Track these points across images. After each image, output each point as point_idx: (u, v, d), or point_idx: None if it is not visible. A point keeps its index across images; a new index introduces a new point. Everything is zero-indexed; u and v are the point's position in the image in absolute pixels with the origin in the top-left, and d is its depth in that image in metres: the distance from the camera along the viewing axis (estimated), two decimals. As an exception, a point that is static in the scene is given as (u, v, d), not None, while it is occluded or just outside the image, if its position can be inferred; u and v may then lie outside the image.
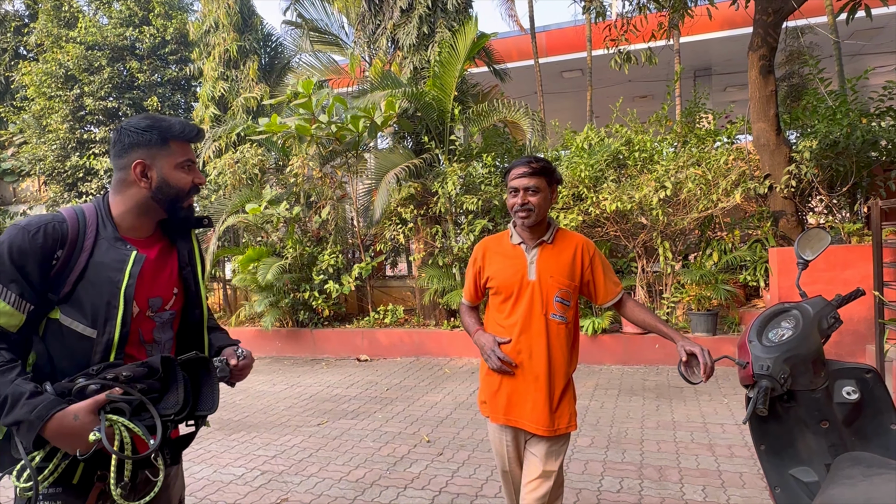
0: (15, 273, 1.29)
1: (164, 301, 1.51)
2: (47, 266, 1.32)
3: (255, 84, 9.64)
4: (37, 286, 1.32)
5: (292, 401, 5.50)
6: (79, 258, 1.35)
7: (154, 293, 1.49)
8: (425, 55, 7.68)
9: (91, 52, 10.49)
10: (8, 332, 1.30)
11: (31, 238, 1.31)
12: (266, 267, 7.29)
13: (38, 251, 1.31)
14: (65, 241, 1.35)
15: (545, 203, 2.08)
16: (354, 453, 4.02)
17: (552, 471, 2.07)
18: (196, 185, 1.51)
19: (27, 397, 1.21)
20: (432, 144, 7.24)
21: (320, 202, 8.06)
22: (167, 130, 1.45)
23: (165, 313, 1.52)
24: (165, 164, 1.45)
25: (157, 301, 1.50)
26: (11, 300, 1.28)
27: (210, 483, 3.62)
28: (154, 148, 1.43)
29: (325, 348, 7.66)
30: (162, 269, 1.51)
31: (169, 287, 1.52)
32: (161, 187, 1.45)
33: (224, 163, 8.35)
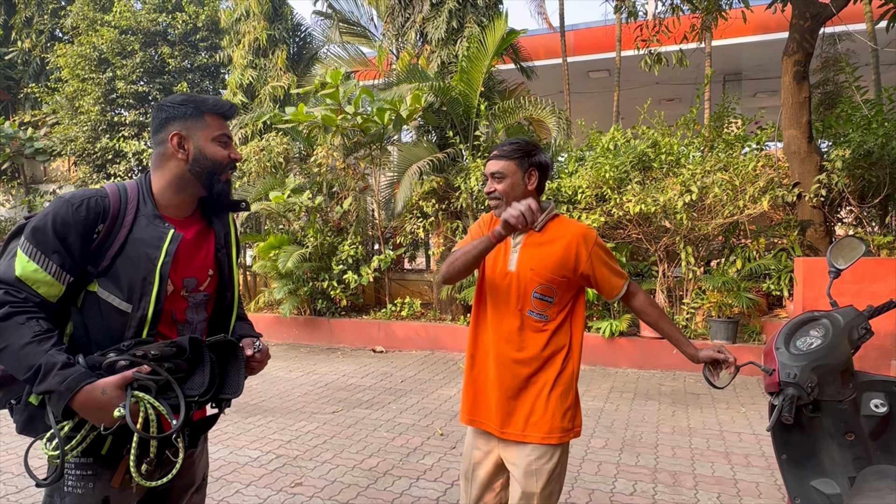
0: (57, 244, 1.31)
1: (199, 282, 1.52)
2: (89, 239, 1.35)
3: (282, 73, 9.73)
4: (77, 258, 1.34)
5: (308, 388, 5.57)
6: (119, 233, 1.37)
7: (189, 273, 1.49)
8: (453, 50, 7.67)
9: (124, 37, 10.67)
10: (48, 302, 1.32)
11: (74, 211, 1.33)
12: (286, 255, 7.36)
13: (81, 224, 1.34)
14: (106, 215, 1.37)
15: (512, 189, 1.86)
16: (368, 442, 4.05)
17: (532, 493, 1.80)
18: (233, 159, 1.51)
19: (59, 368, 1.22)
20: (456, 139, 7.23)
21: (342, 193, 8.11)
22: (202, 104, 1.48)
23: (199, 294, 1.52)
24: (202, 136, 1.46)
25: (191, 281, 1.50)
26: (52, 270, 1.31)
27: (226, 464, 3.69)
28: (190, 120, 1.45)
29: (342, 338, 7.73)
30: (198, 250, 1.52)
31: (205, 268, 1.53)
32: (198, 159, 1.45)
33: (250, 150, 8.45)
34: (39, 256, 1.30)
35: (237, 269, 1.62)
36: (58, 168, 13.64)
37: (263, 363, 1.55)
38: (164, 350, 1.31)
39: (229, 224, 1.60)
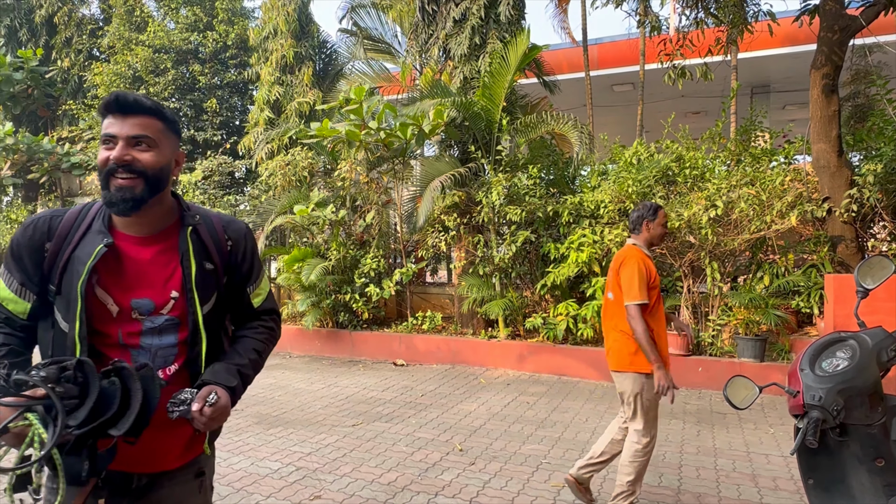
0: (15, 264, 1.38)
1: (157, 305, 1.40)
2: (39, 258, 1.38)
3: (308, 89, 9.92)
4: (33, 277, 1.38)
5: (329, 400, 5.60)
6: (65, 251, 1.37)
7: (141, 294, 1.39)
8: (476, 65, 7.73)
9: (158, 55, 11.03)
10: (15, 318, 1.39)
11: (23, 231, 1.40)
12: (310, 267, 7.45)
13: (28, 244, 1.38)
14: (52, 234, 1.38)
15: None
16: (387, 456, 4.05)
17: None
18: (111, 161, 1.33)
19: None
20: (478, 154, 7.27)
21: (365, 206, 8.20)
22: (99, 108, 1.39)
23: (160, 318, 1.40)
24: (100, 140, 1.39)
25: (144, 303, 1.39)
26: (15, 288, 1.38)
27: (247, 475, 3.72)
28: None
29: (363, 350, 7.76)
30: (159, 270, 1.41)
31: (165, 290, 1.40)
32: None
33: (275, 164, 8.62)
34: (5, 275, 1.40)
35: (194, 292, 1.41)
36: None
37: (211, 423, 1.29)
38: (50, 371, 1.16)
39: (187, 241, 1.44)
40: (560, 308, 6.53)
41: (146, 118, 1.38)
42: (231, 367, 1.43)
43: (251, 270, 1.57)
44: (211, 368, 1.41)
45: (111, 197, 1.34)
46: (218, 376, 1.38)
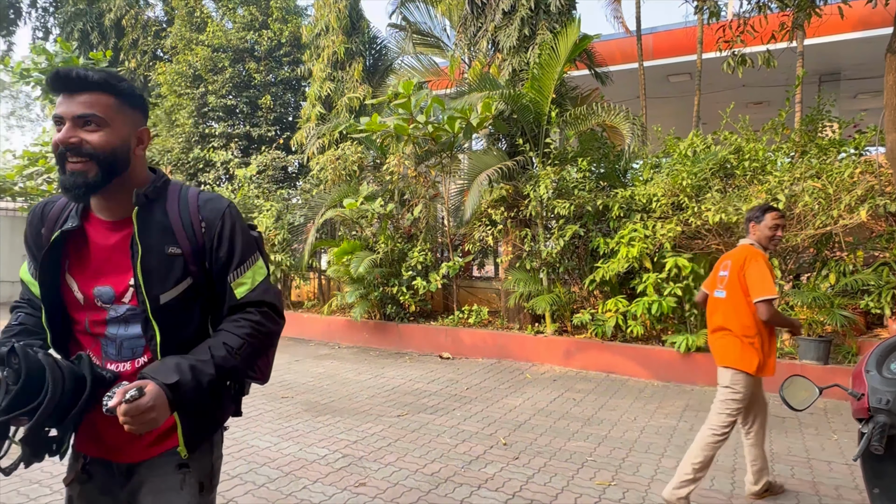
0: (27, 248, 1.43)
1: (117, 293, 1.33)
2: (39, 243, 1.39)
3: (359, 85, 10.06)
4: (38, 260, 1.37)
5: (375, 391, 5.69)
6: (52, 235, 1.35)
7: (103, 281, 1.33)
8: (525, 57, 7.63)
9: (216, 54, 11.44)
10: (34, 300, 1.44)
11: (28, 218, 1.44)
12: (359, 260, 7.58)
13: (30, 230, 1.42)
14: (45, 220, 1.39)
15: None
16: (431, 447, 4.08)
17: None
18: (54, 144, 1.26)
19: None
20: (526, 147, 7.19)
21: (413, 200, 8.26)
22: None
23: (122, 307, 1.33)
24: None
25: (105, 291, 1.33)
26: (31, 272, 1.42)
27: (296, 460, 3.83)
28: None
29: (410, 343, 7.84)
30: (121, 256, 1.34)
31: (124, 278, 1.33)
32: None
33: (326, 159, 8.79)
34: (27, 260, 1.45)
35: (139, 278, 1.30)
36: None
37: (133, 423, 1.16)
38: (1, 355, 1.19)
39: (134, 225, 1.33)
40: (609, 304, 6.39)
41: (94, 94, 1.27)
42: (182, 362, 1.27)
43: (231, 256, 1.39)
44: (160, 360, 1.29)
45: (64, 182, 1.27)
46: (157, 370, 1.24)
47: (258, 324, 1.40)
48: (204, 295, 1.41)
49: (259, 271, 1.44)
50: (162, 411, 1.19)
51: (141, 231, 1.31)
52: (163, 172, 1.45)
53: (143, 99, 1.38)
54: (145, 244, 1.31)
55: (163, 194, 1.39)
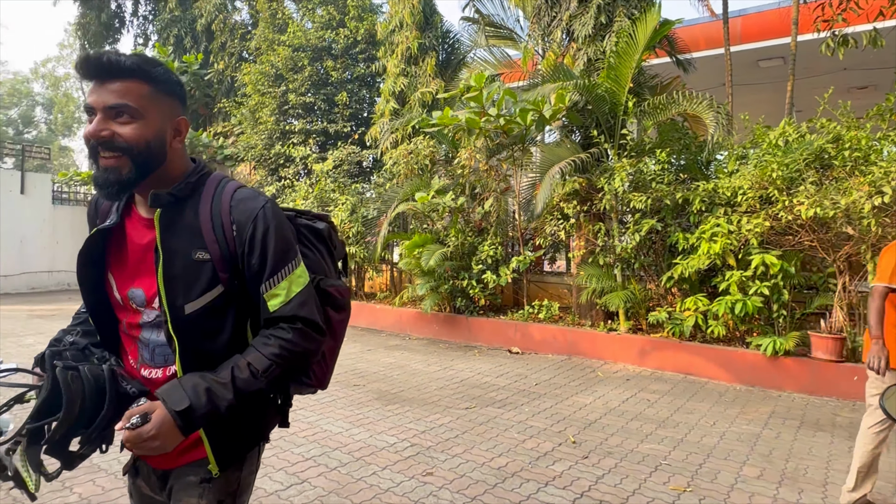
0: None
1: (147, 297, 1.24)
2: None
3: (431, 79, 10.14)
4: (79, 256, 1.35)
5: (444, 382, 5.74)
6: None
7: (136, 283, 1.25)
8: (600, 46, 7.40)
9: (296, 54, 11.91)
10: None
11: (88, 210, 1.40)
12: (429, 253, 7.67)
13: (89, 222, 1.37)
14: (99, 213, 1.34)
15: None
16: (498, 441, 4.07)
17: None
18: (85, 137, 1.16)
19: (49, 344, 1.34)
20: (601, 139, 6.97)
21: (484, 194, 8.24)
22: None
23: (152, 312, 1.24)
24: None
25: (137, 293, 1.25)
26: None
27: (366, 446, 3.94)
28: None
29: (479, 336, 7.85)
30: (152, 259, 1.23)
31: (153, 281, 1.22)
32: None
33: (399, 153, 8.94)
34: None
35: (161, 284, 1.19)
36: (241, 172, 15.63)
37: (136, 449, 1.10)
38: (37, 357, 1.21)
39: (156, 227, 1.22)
40: (688, 303, 6.10)
41: (127, 82, 1.15)
42: (200, 382, 1.15)
43: (263, 263, 1.22)
44: (177, 379, 1.18)
45: (97, 178, 1.18)
46: (170, 393, 1.13)
47: (289, 343, 1.22)
48: (238, 303, 1.26)
49: (297, 281, 1.25)
50: (168, 438, 1.10)
51: (164, 234, 1.20)
52: (203, 164, 1.32)
53: (180, 85, 1.26)
54: (169, 249, 1.19)
55: (197, 190, 1.25)
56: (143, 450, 1.10)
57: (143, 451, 1.10)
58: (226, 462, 1.28)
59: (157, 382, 1.24)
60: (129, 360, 1.30)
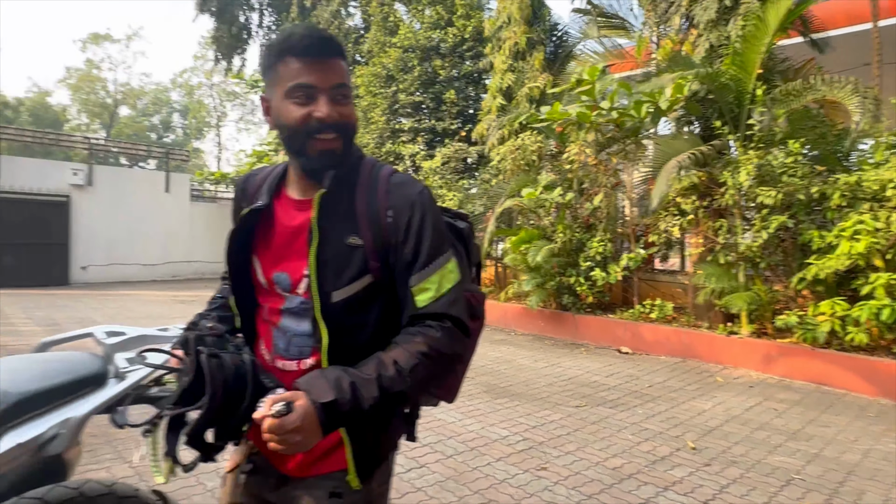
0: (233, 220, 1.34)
1: (293, 282, 1.19)
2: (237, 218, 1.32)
3: (539, 74, 10.06)
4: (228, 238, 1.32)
5: (552, 379, 5.73)
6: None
7: (282, 266, 1.20)
8: (724, 31, 6.94)
9: (406, 55, 12.32)
10: None
11: (234, 193, 1.37)
12: (536, 249, 7.65)
13: (234, 204, 1.35)
14: (245, 193, 1.31)
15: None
16: (612, 442, 4.01)
17: None
18: (316, 119, 1.09)
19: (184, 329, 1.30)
20: (725, 129, 6.55)
21: (593, 189, 8.06)
22: (274, 48, 1.12)
23: (296, 298, 1.19)
24: (276, 94, 1.13)
25: (283, 277, 1.20)
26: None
27: (479, 437, 4.05)
28: (269, 74, 1.15)
29: (586, 334, 7.71)
30: (302, 241, 1.18)
31: (300, 265, 1.17)
32: (277, 126, 1.16)
33: (506, 149, 8.98)
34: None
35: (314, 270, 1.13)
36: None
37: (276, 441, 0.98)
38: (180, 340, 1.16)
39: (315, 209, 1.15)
40: (823, 307, 5.59)
41: (340, 60, 1.14)
42: (344, 376, 1.05)
43: (416, 254, 1.14)
44: (319, 371, 1.09)
45: (313, 163, 1.14)
46: (313, 384, 1.04)
47: (437, 342, 1.12)
48: (385, 296, 1.19)
49: (448, 276, 1.15)
50: (310, 434, 0.99)
51: (321, 216, 1.14)
52: (358, 147, 1.26)
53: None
54: (323, 231, 1.14)
55: (355, 172, 1.21)
56: (282, 443, 0.97)
57: (282, 444, 0.98)
58: (363, 474, 1.18)
59: (289, 376, 1.16)
60: (262, 349, 1.25)
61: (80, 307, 9.76)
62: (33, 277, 12.55)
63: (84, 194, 13.56)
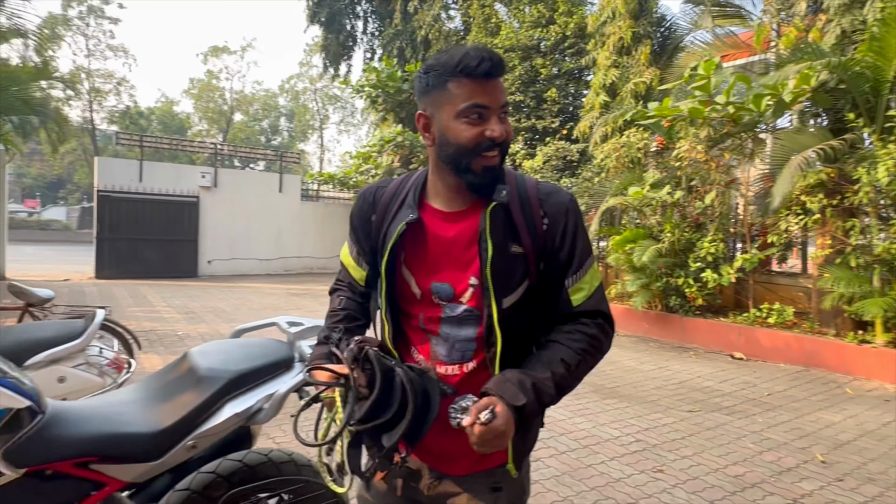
0: (352, 233, 1.39)
1: (456, 292, 1.23)
2: (367, 230, 1.34)
3: (645, 69, 9.78)
4: (365, 247, 1.36)
5: (661, 382, 5.61)
6: (385, 224, 1.30)
7: (441, 277, 1.24)
8: (858, 15, 6.41)
9: (507, 55, 12.42)
10: (356, 284, 1.41)
11: (356, 202, 1.39)
12: (641, 249, 7.47)
13: (358, 214, 1.36)
14: (376, 206, 1.32)
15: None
16: (731, 449, 3.90)
17: None
18: (488, 139, 1.14)
19: (317, 343, 1.34)
20: (859, 122, 6.06)
21: (704, 187, 7.73)
22: (444, 68, 1.14)
23: (458, 307, 1.23)
24: (444, 113, 1.16)
25: (443, 288, 1.24)
26: (354, 256, 1.40)
27: (590, 435, 4.09)
28: (434, 93, 1.17)
29: (694, 338, 7.43)
30: (460, 252, 1.23)
31: (464, 276, 1.22)
32: (442, 144, 1.18)
33: (610, 147, 8.83)
34: (349, 242, 1.42)
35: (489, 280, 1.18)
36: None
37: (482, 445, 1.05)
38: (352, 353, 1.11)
39: (485, 220, 1.19)
40: (978, 316, 5.04)
41: (502, 79, 1.18)
42: (525, 379, 1.13)
43: (571, 257, 1.23)
44: (501, 376, 1.15)
45: (478, 179, 1.18)
46: (504, 388, 1.11)
47: (594, 338, 1.22)
48: (538, 300, 1.26)
49: (596, 276, 1.27)
50: (509, 435, 1.07)
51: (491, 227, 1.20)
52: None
53: None
54: (494, 242, 1.19)
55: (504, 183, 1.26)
56: (489, 447, 1.06)
57: (488, 448, 1.06)
58: (518, 463, 1.27)
59: (450, 380, 1.23)
60: (415, 356, 1.28)
61: (209, 297, 10.80)
62: (168, 270, 14.03)
63: (210, 195, 14.92)
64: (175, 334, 7.13)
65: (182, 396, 1.66)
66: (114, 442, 1.51)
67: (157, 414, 1.62)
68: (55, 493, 1.46)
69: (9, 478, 1.37)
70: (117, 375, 3.21)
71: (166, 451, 1.57)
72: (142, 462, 1.54)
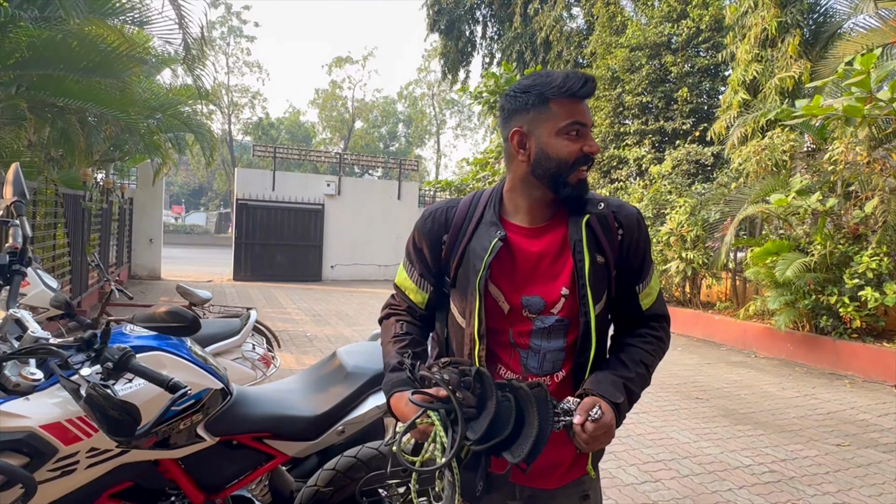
0: (415, 255, 1.39)
1: (548, 303, 1.26)
2: (437, 250, 1.35)
3: (793, 62, 8.89)
4: (432, 268, 1.36)
5: (805, 411, 5.09)
6: (461, 243, 1.31)
7: (531, 290, 1.27)
8: None
9: (633, 53, 11.92)
10: (416, 308, 1.41)
11: (422, 223, 1.37)
12: (785, 262, 6.80)
13: (427, 236, 1.36)
14: (449, 225, 1.34)
15: None
16: (886, 490, 3.46)
17: None
18: (585, 154, 1.22)
19: (389, 370, 1.30)
20: None
21: (864, 193, 6.86)
22: (546, 87, 1.21)
23: (550, 318, 1.26)
24: (545, 130, 1.22)
25: (534, 301, 1.27)
26: (415, 279, 1.39)
27: (717, 461, 3.84)
28: (532, 112, 1.22)
29: (850, 364, 6.61)
30: (548, 264, 1.27)
31: (554, 287, 1.26)
32: (539, 160, 1.23)
33: (750, 149, 8.14)
34: (407, 265, 1.41)
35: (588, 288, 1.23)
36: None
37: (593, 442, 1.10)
38: (452, 375, 1.10)
39: (581, 231, 1.26)
40: None
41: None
42: (617, 379, 1.21)
43: (642, 265, 1.33)
44: (594, 377, 1.22)
45: (572, 192, 1.25)
46: (602, 388, 1.18)
47: (660, 340, 1.34)
48: (610, 307, 1.34)
49: (657, 281, 1.38)
50: (613, 432, 1.14)
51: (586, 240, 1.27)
52: None
53: None
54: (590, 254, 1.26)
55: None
56: (596, 444, 1.11)
57: (597, 445, 1.11)
58: (595, 463, 1.33)
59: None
60: (502, 371, 1.30)
61: (332, 301, 11.54)
62: (296, 273, 15.17)
63: (334, 202, 15.95)
64: (304, 335, 7.71)
65: (334, 388, 1.98)
66: (284, 421, 1.84)
67: (314, 401, 1.94)
68: (238, 460, 1.81)
69: (209, 443, 1.72)
70: (266, 370, 3.64)
71: (322, 433, 1.88)
72: (303, 441, 1.87)
